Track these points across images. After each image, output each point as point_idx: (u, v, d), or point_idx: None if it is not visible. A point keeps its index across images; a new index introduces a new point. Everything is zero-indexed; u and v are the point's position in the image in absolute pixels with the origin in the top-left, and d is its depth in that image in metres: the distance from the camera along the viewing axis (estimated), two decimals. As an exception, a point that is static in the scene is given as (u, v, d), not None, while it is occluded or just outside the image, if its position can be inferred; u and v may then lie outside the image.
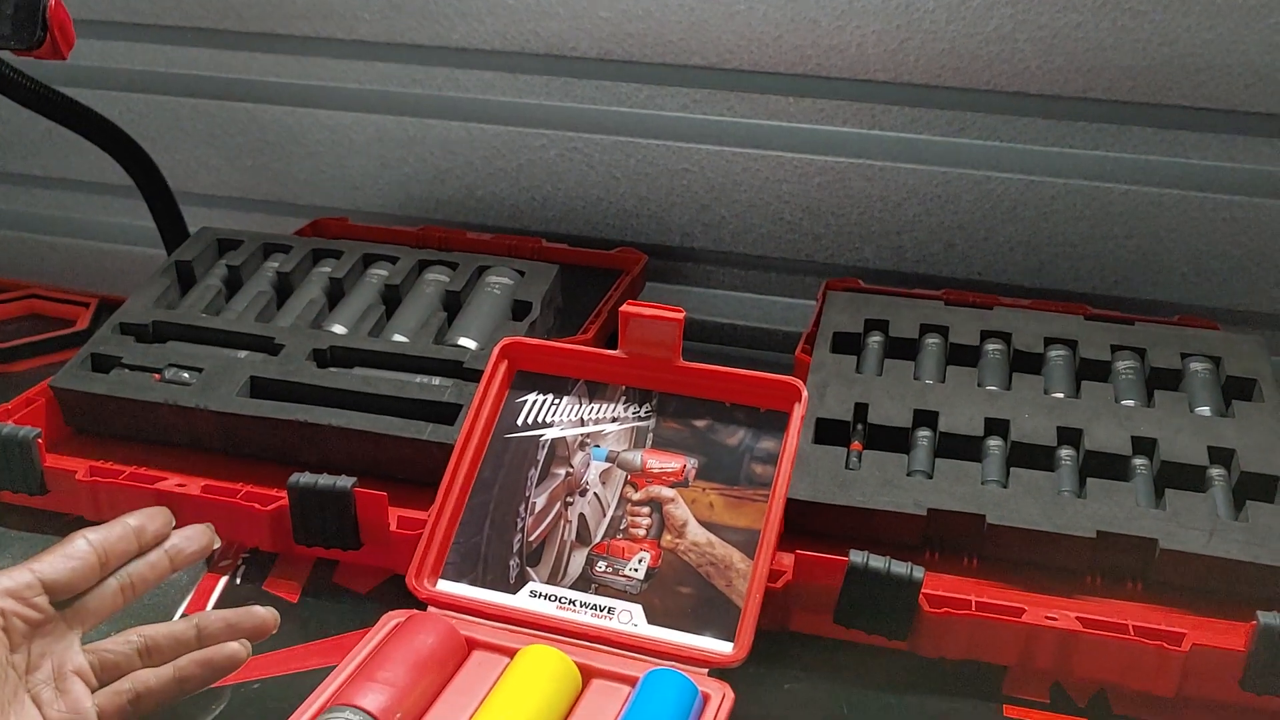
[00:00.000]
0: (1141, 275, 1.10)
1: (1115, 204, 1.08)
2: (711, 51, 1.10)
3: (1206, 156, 1.05)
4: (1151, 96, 1.04)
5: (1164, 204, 1.07)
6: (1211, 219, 1.06)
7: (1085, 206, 1.09)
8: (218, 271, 0.92)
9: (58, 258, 1.33)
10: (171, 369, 0.83)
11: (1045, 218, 1.10)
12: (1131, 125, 1.07)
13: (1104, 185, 1.08)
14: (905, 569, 0.65)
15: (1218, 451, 0.76)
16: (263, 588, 0.73)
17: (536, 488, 0.70)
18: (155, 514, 0.64)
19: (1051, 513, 0.72)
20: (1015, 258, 1.13)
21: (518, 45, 1.14)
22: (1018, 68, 1.05)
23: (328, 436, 0.79)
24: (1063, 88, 1.05)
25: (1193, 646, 0.63)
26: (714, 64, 1.11)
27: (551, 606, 0.66)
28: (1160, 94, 1.04)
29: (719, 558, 0.66)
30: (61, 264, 1.33)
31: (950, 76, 1.07)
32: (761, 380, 0.69)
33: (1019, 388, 0.82)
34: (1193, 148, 1.06)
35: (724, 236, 1.18)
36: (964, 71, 1.07)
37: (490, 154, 1.19)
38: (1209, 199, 1.06)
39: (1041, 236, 1.11)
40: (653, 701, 0.58)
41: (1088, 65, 1.04)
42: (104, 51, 1.24)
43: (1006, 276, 1.13)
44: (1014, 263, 1.13)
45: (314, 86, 1.20)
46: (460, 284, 0.90)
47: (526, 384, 0.74)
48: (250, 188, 1.27)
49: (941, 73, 1.07)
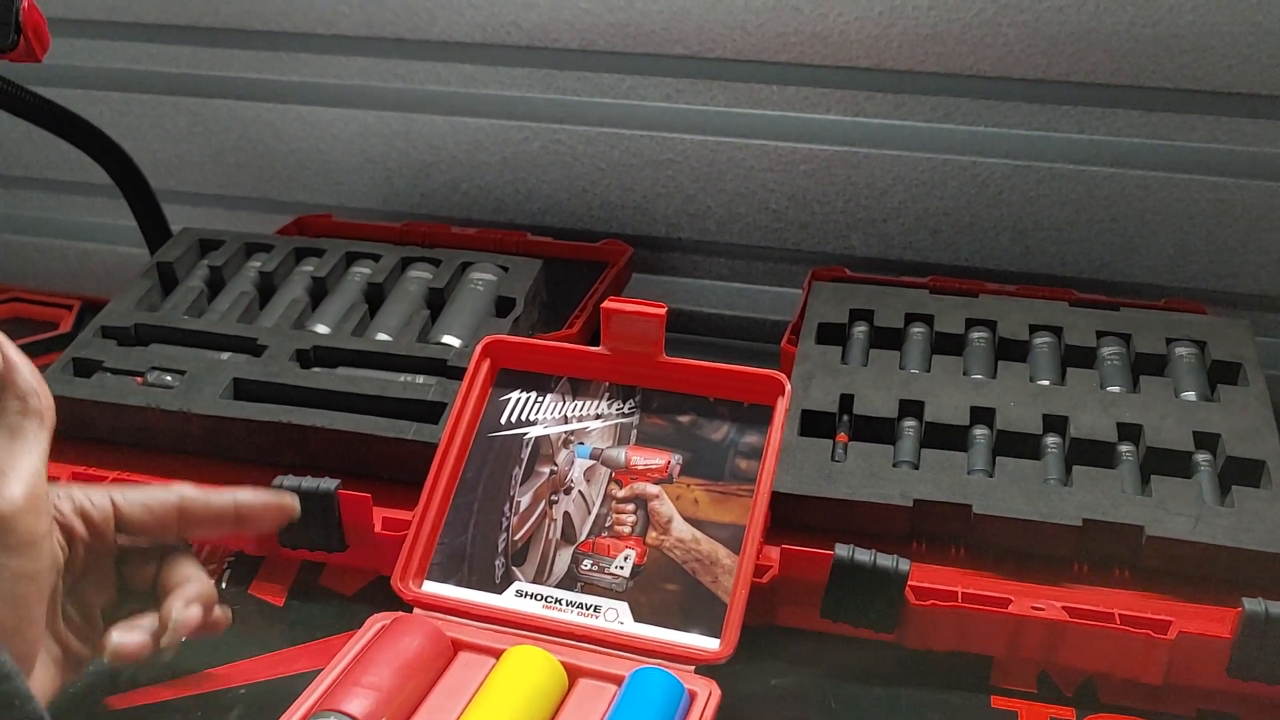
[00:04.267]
0: (1128, 258, 1.10)
1: (1100, 187, 1.08)
2: (694, 40, 1.10)
3: (1192, 138, 1.05)
4: (1135, 79, 1.04)
5: (1150, 186, 1.07)
6: (1197, 201, 1.06)
7: (1071, 190, 1.09)
8: (199, 272, 0.92)
9: (41, 259, 1.33)
10: (154, 372, 0.82)
11: (1031, 202, 1.10)
12: (1116, 108, 1.06)
13: (1089, 169, 1.08)
14: (891, 561, 0.65)
15: (1203, 436, 0.76)
16: (249, 591, 0.72)
17: (521, 486, 0.70)
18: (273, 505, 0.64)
19: (1038, 501, 0.72)
20: (1002, 243, 1.12)
21: (499, 38, 1.13)
22: (1001, 52, 1.05)
23: (312, 437, 0.78)
24: (1046, 71, 1.05)
25: (1179, 635, 0.63)
26: (696, 53, 1.11)
27: (538, 606, 0.66)
28: (1144, 76, 1.03)
29: (705, 554, 0.66)
30: (45, 266, 1.32)
31: (934, 62, 1.07)
32: (744, 375, 0.69)
33: (1004, 376, 0.82)
34: (1177, 130, 1.05)
35: (710, 226, 1.18)
36: (947, 57, 1.06)
37: (473, 147, 1.19)
38: (1195, 180, 1.06)
39: (1027, 221, 1.11)
40: (639, 700, 0.58)
41: (1071, 49, 1.03)
42: (82, 50, 1.23)
43: (994, 262, 1.13)
44: (1000, 248, 1.13)
45: (294, 82, 1.20)
46: (443, 281, 0.90)
47: (510, 382, 0.73)
48: (233, 185, 1.26)
49: (925, 58, 1.07)
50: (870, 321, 0.88)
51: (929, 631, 0.67)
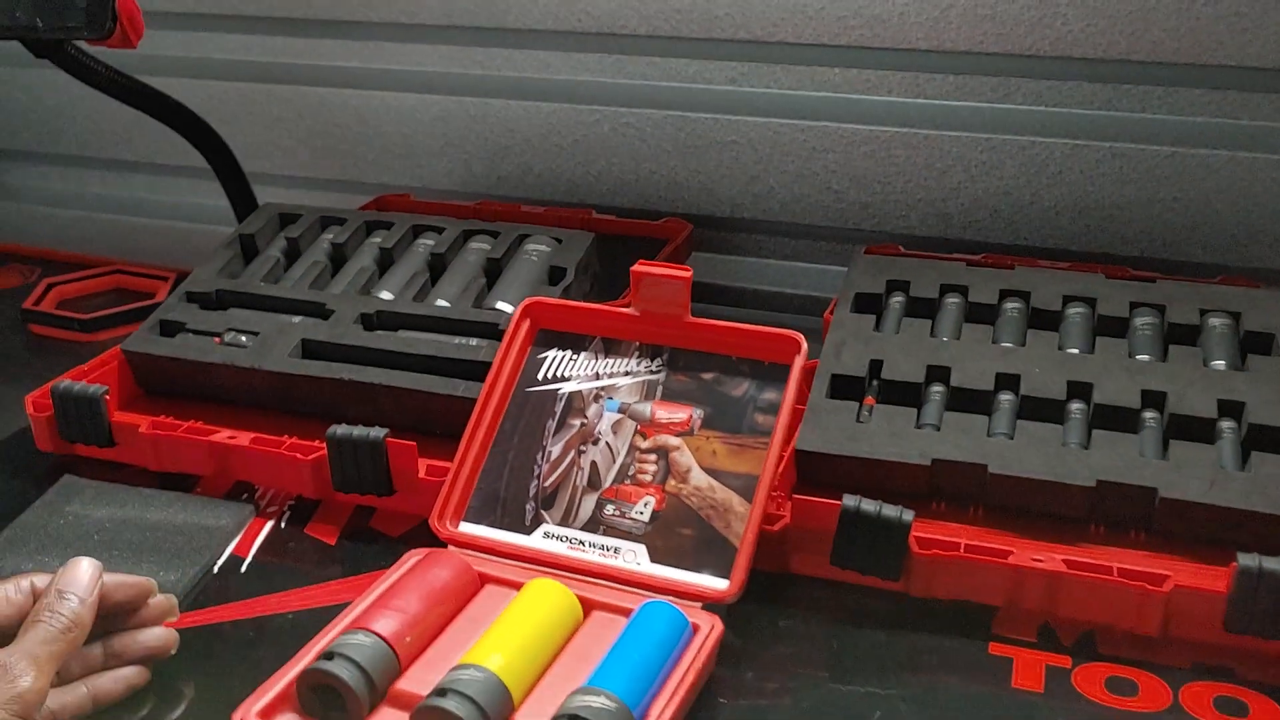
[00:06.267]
0: (1190, 238, 1.10)
1: (1162, 167, 1.08)
2: (756, 25, 1.13)
3: (1257, 116, 1.05)
4: (1197, 57, 1.04)
5: (1212, 165, 1.07)
6: (1261, 180, 1.06)
7: (1132, 170, 1.09)
8: (278, 243, 0.99)
9: (142, 236, 1.42)
10: (230, 333, 0.89)
11: (1091, 182, 1.10)
12: (1177, 86, 1.06)
13: (1150, 148, 1.08)
14: (895, 512, 0.68)
15: (1228, 404, 0.77)
16: (305, 531, 0.78)
17: (553, 437, 0.75)
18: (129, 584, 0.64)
19: (1053, 463, 0.74)
20: (1062, 222, 1.13)
21: (570, 24, 1.18)
22: (1060, 31, 1.06)
23: (372, 393, 0.84)
24: (1106, 50, 1.05)
25: (1175, 588, 0.65)
26: (759, 37, 1.14)
27: (563, 546, 0.71)
28: (1206, 54, 1.03)
29: (719, 501, 0.70)
30: (146, 242, 1.42)
31: (992, 43, 1.08)
32: (763, 334, 0.73)
33: (1034, 344, 0.84)
34: (1241, 108, 1.05)
35: (773, 206, 1.21)
36: (1006, 37, 1.08)
37: (547, 130, 1.24)
38: (1259, 159, 1.05)
39: (1088, 201, 1.11)
40: (645, 630, 0.62)
41: (1130, 27, 1.04)
42: (186, 42, 1.32)
43: (1053, 241, 1.14)
44: (1060, 228, 1.13)
45: (379, 70, 1.27)
46: (500, 252, 0.95)
47: (548, 341, 0.78)
48: (322, 168, 1.33)
49: (984, 39, 1.08)
50: (906, 292, 0.90)
51: (933, 580, 0.69)
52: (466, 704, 0.57)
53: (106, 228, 1.43)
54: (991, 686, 0.64)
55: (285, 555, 0.76)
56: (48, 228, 1.48)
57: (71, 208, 1.48)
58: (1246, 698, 0.62)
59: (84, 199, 1.48)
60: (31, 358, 1.03)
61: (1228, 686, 0.63)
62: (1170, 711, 0.62)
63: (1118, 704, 0.62)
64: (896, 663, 0.66)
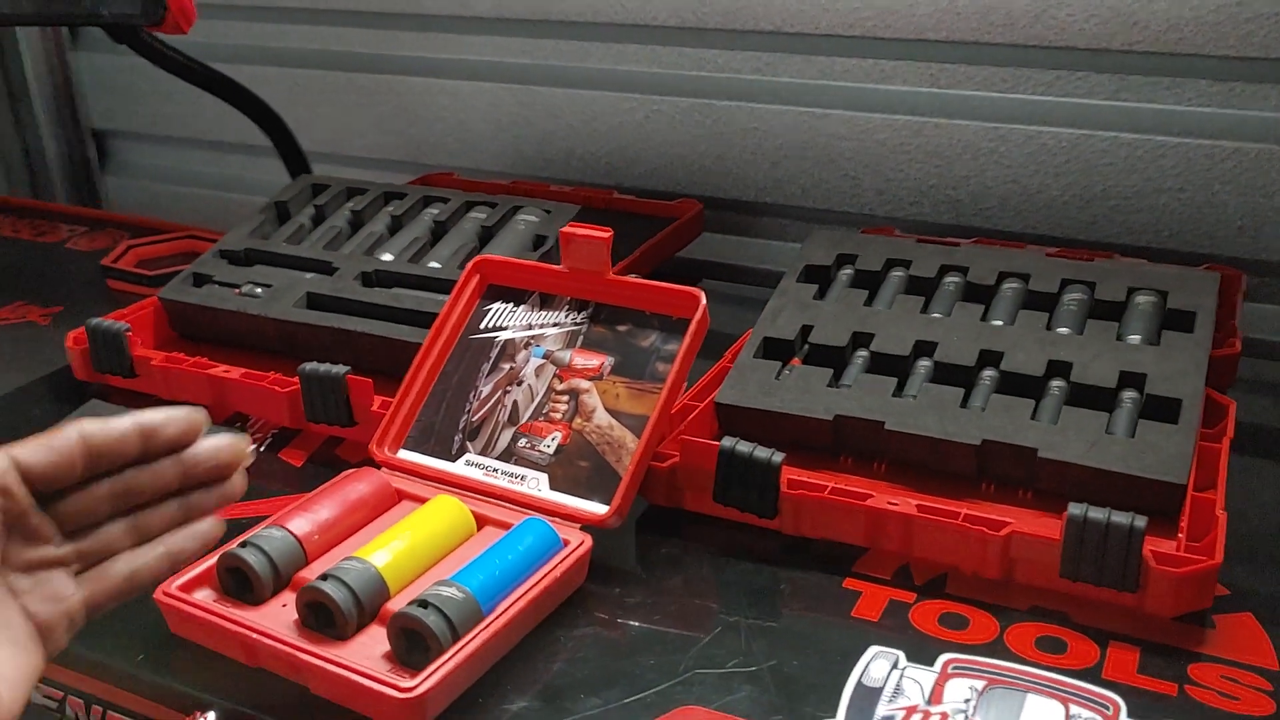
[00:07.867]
0: (1195, 228, 1.10)
1: (1167, 157, 1.09)
2: (777, 15, 1.19)
3: (1262, 107, 1.05)
4: (1201, 48, 1.05)
5: (1217, 156, 1.07)
6: (1267, 170, 1.06)
7: (1137, 160, 1.10)
8: (307, 211, 1.10)
9: (210, 207, 1.60)
10: (248, 285, 1.00)
11: (1097, 171, 1.12)
12: (1182, 77, 1.08)
13: (1156, 138, 1.09)
14: (766, 454, 0.74)
15: (1130, 376, 0.79)
16: (278, 455, 0.89)
17: (486, 379, 0.83)
18: (177, 417, 0.57)
19: (946, 422, 0.78)
20: (1069, 212, 1.15)
21: (607, 16, 1.27)
22: (1065, 22, 1.09)
23: (356, 341, 0.94)
24: (1110, 41, 1.08)
25: (1012, 533, 0.68)
26: (779, 28, 1.20)
27: (479, 473, 0.79)
28: (1210, 45, 1.04)
29: (615, 439, 0.77)
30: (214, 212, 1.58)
31: (1000, 34, 1.12)
32: (669, 290, 0.79)
33: (959, 315, 0.87)
34: (1246, 98, 1.06)
35: (794, 192, 1.26)
36: (1013, 28, 1.11)
37: (588, 117, 1.32)
38: (1264, 150, 1.06)
39: (1094, 190, 1.13)
40: (515, 541, 0.70)
41: (1134, 18, 1.06)
42: (262, 32, 1.46)
43: (1061, 230, 1.16)
44: (1068, 216, 1.15)
45: (436, 59, 1.38)
46: (494, 220, 1.04)
47: (495, 295, 0.87)
48: (385, 149, 1.45)
49: (991, 30, 1.12)
50: (854, 265, 0.95)
51: (801, 519, 0.75)
52: (342, 588, 0.66)
53: (189, 199, 1.60)
54: (832, 615, 0.69)
55: (257, 475, 0.86)
56: (143, 197, 1.66)
57: (162, 181, 1.67)
58: (1068, 638, 0.66)
59: (176, 173, 1.65)
60: (105, 307, 1.17)
61: (1055, 628, 0.67)
62: (990, 646, 0.66)
63: (943, 635, 0.67)
64: (754, 590, 0.71)
